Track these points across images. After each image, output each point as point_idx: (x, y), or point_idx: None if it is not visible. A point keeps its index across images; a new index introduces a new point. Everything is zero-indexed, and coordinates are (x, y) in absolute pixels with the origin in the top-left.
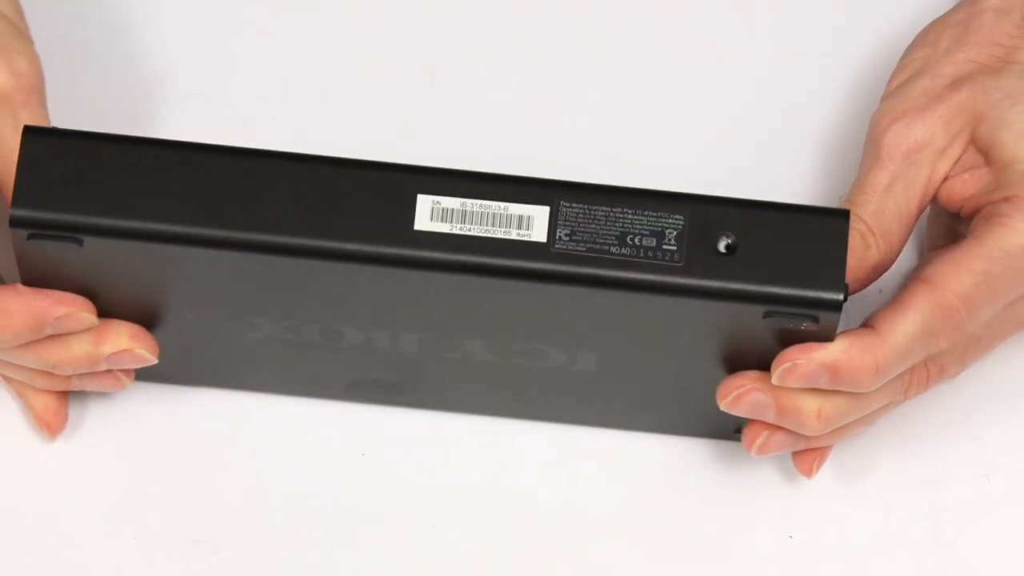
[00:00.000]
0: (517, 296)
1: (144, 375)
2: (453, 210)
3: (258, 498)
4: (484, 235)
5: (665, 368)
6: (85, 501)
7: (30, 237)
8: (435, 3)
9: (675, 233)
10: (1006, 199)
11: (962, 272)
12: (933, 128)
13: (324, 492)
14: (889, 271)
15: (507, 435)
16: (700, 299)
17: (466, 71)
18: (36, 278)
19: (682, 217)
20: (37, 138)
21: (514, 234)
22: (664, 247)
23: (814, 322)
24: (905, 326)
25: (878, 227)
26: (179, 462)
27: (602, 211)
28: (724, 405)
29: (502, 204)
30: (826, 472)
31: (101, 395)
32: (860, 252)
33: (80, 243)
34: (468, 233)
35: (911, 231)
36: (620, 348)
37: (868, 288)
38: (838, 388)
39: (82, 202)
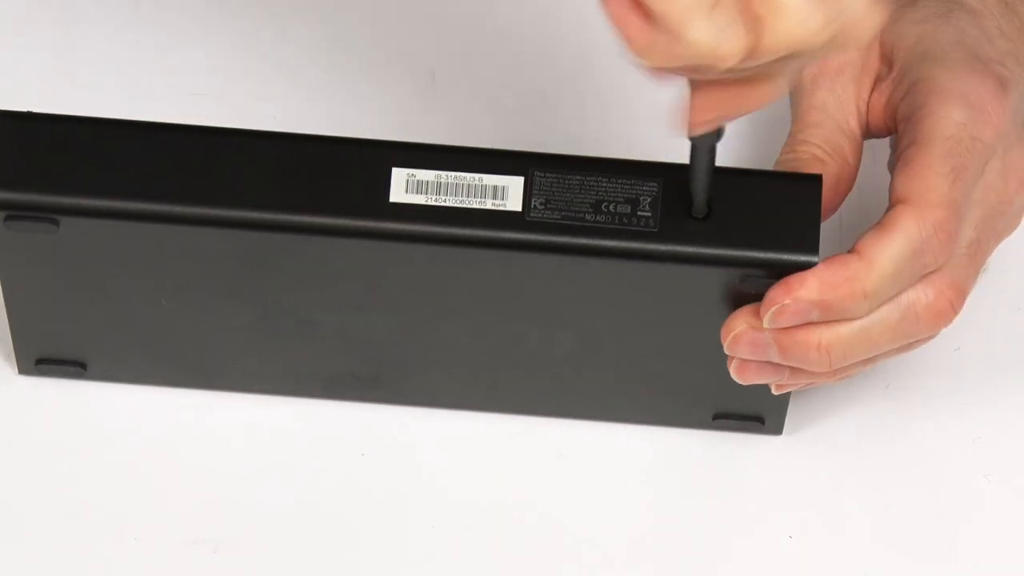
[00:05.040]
0: (493, 268)
1: (132, 378)
2: (428, 182)
3: (258, 498)
4: (459, 205)
5: (643, 346)
6: (85, 501)
7: (6, 219)
8: (435, 3)
9: (649, 200)
10: (911, 88)
11: (932, 178)
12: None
13: (324, 492)
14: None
15: (506, 434)
16: (676, 264)
17: (466, 71)
18: (14, 269)
19: (656, 184)
20: (10, 121)
21: (489, 204)
22: (639, 213)
23: None
24: (891, 249)
25: (825, 142)
26: (179, 462)
27: (576, 180)
28: (727, 347)
29: (476, 175)
30: (825, 472)
31: (100, 396)
32: (818, 170)
33: (56, 223)
34: (443, 204)
35: (860, 148)
36: (598, 325)
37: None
38: (831, 319)
39: (57, 183)
